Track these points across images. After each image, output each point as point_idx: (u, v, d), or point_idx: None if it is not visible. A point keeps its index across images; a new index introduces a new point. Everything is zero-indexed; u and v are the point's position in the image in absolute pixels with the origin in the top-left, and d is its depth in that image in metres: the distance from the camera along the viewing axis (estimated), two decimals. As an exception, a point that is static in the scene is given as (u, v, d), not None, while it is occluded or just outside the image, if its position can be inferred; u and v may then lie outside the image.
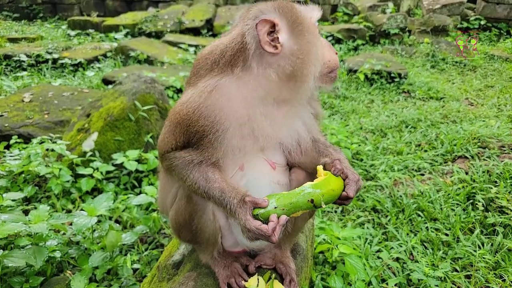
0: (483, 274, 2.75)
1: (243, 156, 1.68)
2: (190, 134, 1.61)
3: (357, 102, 6.76)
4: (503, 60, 9.18)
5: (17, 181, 3.56)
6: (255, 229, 1.43)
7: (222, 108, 1.56)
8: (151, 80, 4.66)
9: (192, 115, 1.58)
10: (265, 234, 1.42)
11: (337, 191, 1.55)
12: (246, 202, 1.49)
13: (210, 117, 1.56)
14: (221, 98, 1.56)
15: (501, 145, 4.32)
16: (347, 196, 1.56)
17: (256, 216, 1.47)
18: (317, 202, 1.49)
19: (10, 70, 8.21)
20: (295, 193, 1.51)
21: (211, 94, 1.57)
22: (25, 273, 2.43)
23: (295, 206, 1.48)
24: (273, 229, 1.42)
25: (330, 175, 1.58)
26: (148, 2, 14.90)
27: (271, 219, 1.43)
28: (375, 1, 13.84)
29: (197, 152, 1.63)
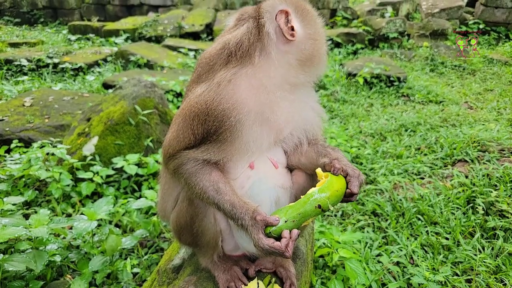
0: (484, 278, 2.75)
1: (255, 150, 1.68)
2: (209, 124, 1.59)
3: (356, 106, 6.78)
4: (502, 64, 9.20)
5: (18, 185, 3.56)
6: (268, 248, 1.45)
7: (242, 95, 1.59)
8: (151, 84, 4.67)
9: (211, 103, 1.57)
10: (279, 251, 1.43)
11: (341, 190, 1.56)
12: (258, 221, 1.50)
13: (229, 104, 1.56)
14: (240, 87, 1.60)
15: (501, 148, 4.33)
16: (352, 193, 1.57)
17: (268, 234, 1.48)
18: (325, 206, 1.50)
19: (11, 75, 8.24)
20: (302, 202, 1.52)
21: (230, 83, 1.59)
22: (25, 277, 2.43)
23: (304, 215, 1.49)
24: (286, 245, 1.43)
25: (331, 176, 1.58)
26: (148, 7, 14.96)
27: (284, 235, 1.45)
28: (374, 5, 13.91)
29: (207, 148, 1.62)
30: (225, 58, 1.68)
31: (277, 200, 1.81)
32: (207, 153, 1.62)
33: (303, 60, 1.68)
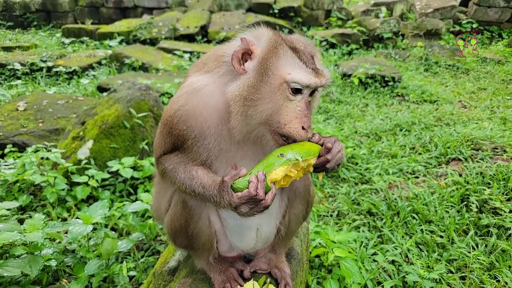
0: (478, 275, 2.77)
1: (233, 158, 1.70)
2: (173, 137, 1.66)
3: (351, 106, 6.81)
4: (495, 63, 9.28)
5: (12, 190, 3.55)
6: (238, 200, 1.44)
7: (200, 115, 1.59)
8: (146, 87, 4.67)
9: (173, 117, 1.62)
10: (251, 196, 1.42)
11: (313, 147, 1.55)
12: (225, 181, 1.50)
13: (188, 123, 1.60)
14: (199, 104, 1.58)
15: (494, 147, 4.37)
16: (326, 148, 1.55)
17: (235, 188, 1.47)
18: (290, 157, 1.49)
19: (4, 79, 8.20)
20: (266, 157, 1.53)
21: (191, 96, 1.60)
22: (20, 282, 2.42)
23: (268, 165, 1.48)
24: (255, 188, 1.42)
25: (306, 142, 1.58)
26: (142, 9, 14.93)
27: (250, 180, 1.44)
28: (368, 6, 13.98)
29: (184, 154, 1.66)
30: (200, 65, 1.72)
31: None
32: (179, 157, 1.68)
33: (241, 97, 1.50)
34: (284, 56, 1.47)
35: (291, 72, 1.46)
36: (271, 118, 1.49)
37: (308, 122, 1.51)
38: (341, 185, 4.23)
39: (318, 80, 1.50)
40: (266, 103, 1.46)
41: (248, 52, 1.50)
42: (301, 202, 1.97)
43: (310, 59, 1.53)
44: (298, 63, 1.48)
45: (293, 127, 1.49)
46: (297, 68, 1.47)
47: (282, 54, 1.47)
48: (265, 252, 2.07)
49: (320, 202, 3.93)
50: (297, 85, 1.47)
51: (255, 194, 1.41)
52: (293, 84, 1.47)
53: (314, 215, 3.64)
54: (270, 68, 1.46)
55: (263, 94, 1.46)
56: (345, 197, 3.95)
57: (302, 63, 1.48)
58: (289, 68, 1.46)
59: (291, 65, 1.47)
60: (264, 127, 1.54)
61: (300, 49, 1.52)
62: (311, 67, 1.49)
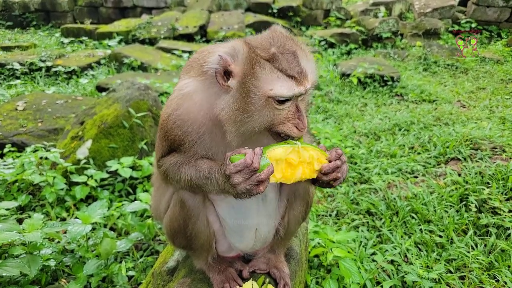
0: (477, 275, 2.78)
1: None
2: (168, 141, 1.68)
3: (350, 106, 6.81)
4: (494, 62, 9.29)
5: (11, 190, 3.54)
6: (233, 168, 1.42)
7: (194, 120, 1.60)
8: (145, 87, 4.67)
9: (167, 122, 1.65)
10: (246, 165, 1.40)
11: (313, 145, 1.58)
12: (225, 156, 1.49)
13: (183, 128, 1.61)
14: (191, 109, 1.59)
15: (493, 146, 4.37)
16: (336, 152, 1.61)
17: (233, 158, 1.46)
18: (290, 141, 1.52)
19: (4, 79, 8.19)
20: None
21: (182, 100, 1.62)
22: (19, 282, 2.42)
23: (268, 146, 1.50)
24: (251, 158, 1.41)
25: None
26: (141, 9, 14.92)
27: (246, 152, 1.43)
28: (367, 6, 13.99)
29: (182, 155, 1.67)
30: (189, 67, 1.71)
31: (264, 197, 1.84)
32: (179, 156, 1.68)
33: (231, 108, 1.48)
34: (262, 73, 1.43)
35: (272, 88, 1.43)
36: (265, 126, 1.51)
37: (302, 124, 1.51)
38: (340, 185, 4.23)
39: (302, 87, 1.46)
40: (257, 119, 1.47)
41: (228, 71, 1.46)
42: (300, 203, 1.97)
43: (291, 60, 1.46)
44: (278, 75, 1.43)
45: (287, 127, 1.51)
46: (277, 81, 1.43)
47: (260, 72, 1.43)
48: (264, 252, 2.07)
49: (319, 202, 3.93)
50: (282, 98, 1.45)
51: (250, 162, 1.40)
52: (277, 98, 1.45)
53: (313, 215, 3.64)
54: (252, 90, 1.43)
55: (251, 113, 1.45)
56: (344, 197, 3.96)
57: (282, 73, 1.44)
58: (270, 84, 1.43)
59: (271, 80, 1.43)
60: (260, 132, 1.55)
61: (278, 53, 1.46)
62: (292, 75, 1.44)
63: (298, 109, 1.52)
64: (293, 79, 1.44)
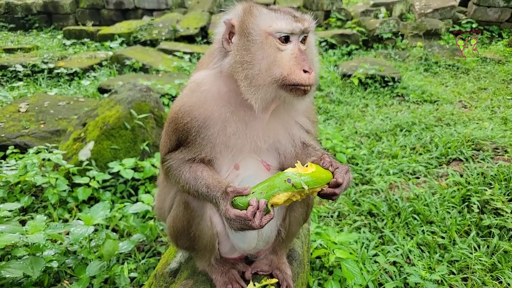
0: (480, 276, 2.77)
1: (236, 154, 1.72)
2: (178, 132, 1.70)
3: (351, 107, 6.81)
4: (496, 63, 9.28)
5: (14, 191, 3.55)
6: (234, 217, 1.44)
7: (203, 105, 1.64)
8: (147, 88, 4.67)
9: (178, 113, 1.68)
10: (245, 219, 1.42)
11: (322, 176, 1.53)
12: (228, 193, 1.51)
13: (192, 115, 1.64)
14: (201, 96, 1.64)
15: (495, 147, 4.36)
16: (336, 182, 1.54)
17: (235, 205, 1.47)
18: (296, 182, 1.47)
19: (6, 81, 8.21)
20: (273, 176, 1.52)
21: (193, 91, 1.67)
22: (22, 283, 2.43)
23: (272, 187, 1.47)
24: (253, 213, 1.42)
25: (318, 166, 1.57)
26: (143, 11, 14.95)
27: (250, 203, 1.43)
28: (367, 6, 13.99)
29: (187, 150, 1.69)
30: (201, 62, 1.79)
31: None
32: (183, 154, 1.71)
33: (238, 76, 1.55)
34: (261, 13, 1.54)
35: (271, 24, 1.51)
36: (274, 73, 1.51)
37: (308, 64, 1.52)
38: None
39: (300, 24, 1.53)
40: (261, 60, 1.51)
41: (232, 30, 1.57)
42: (301, 204, 1.97)
43: (289, 11, 1.58)
44: (276, 15, 1.54)
45: (294, 73, 1.51)
46: (276, 18, 1.52)
47: (258, 13, 1.54)
48: (266, 253, 2.07)
49: (321, 203, 3.93)
50: (281, 33, 1.51)
51: (251, 218, 1.42)
52: (277, 34, 1.51)
53: (315, 216, 3.64)
54: (252, 27, 1.52)
55: (255, 53, 1.51)
56: (346, 198, 3.95)
57: (280, 12, 1.54)
58: (268, 22, 1.52)
59: (270, 18, 1.53)
60: (273, 86, 1.54)
61: (276, 7, 1.59)
62: (290, 13, 1.55)
63: (301, 51, 1.54)
64: (291, 16, 1.54)
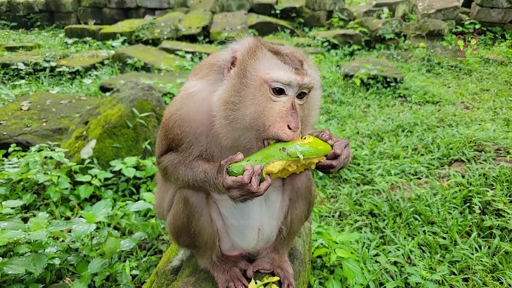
0: (481, 277, 2.77)
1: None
2: (168, 140, 1.73)
3: (353, 107, 6.80)
4: (498, 64, 9.26)
5: (16, 189, 3.56)
6: (231, 183, 1.44)
7: (192, 120, 1.64)
8: (149, 87, 4.68)
9: (169, 121, 1.70)
10: (242, 183, 1.41)
11: (319, 147, 1.50)
12: (222, 165, 1.51)
13: (182, 127, 1.65)
14: (191, 110, 1.63)
15: (497, 148, 4.36)
16: (334, 153, 1.52)
17: (230, 172, 1.46)
18: (291, 152, 1.44)
19: (8, 79, 8.23)
20: (269, 146, 1.49)
21: (184, 101, 1.66)
22: (24, 280, 2.44)
23: (267, 156, 1.45)
24: (249, 177, 1.41)
25: (316, 139, 1.55)
26: (144, 10, 14.97)
27: (245, 168, 1.42)
28: (370, 7, 13.97)
29: (180, 154, 1.71)
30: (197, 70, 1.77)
31: (266, 198, 1.86)
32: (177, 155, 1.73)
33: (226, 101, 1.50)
34: (263, 57, 1.48)
35: (269, 72, 1.44)
36: (256, 121, 1.46)
37: (294, 122, 1.44)
38: (342, 186, 4.23)
39: (300, 77, 1.45)
40: (249, 106, 1.45)
41: (234, 62, 1.53)
42: (302, 202, 1.97)
43: (295, 61, 1.50)
44: (277, 63, 1.46)
45: (278, 127, 1.43)
46: (276, 67, 1.45)
47: (260, 56, 1.48)
48: (268, 252, 2.08)
49: (322, 203, 3.93)
50: (277, 84, 1.44)
51: (248, 182, 1.40)
52: (273, 84, 1.44)
53: (316, 216, 3.64)
54: (249, 70, 1.45)
55: (245, 97, 1.45)
56: (347, 198, 3.95)
57: (283, 63, 1.46)
58: (267, 68, 1.45)
59: (270, 65, 1.46)
60: (250, 132, 1.51)
61: (282, 52, 1.51)
62: (292, 65, 1.46)
63: (294, 107, 1.47)
64: (293, 68, 1.46)
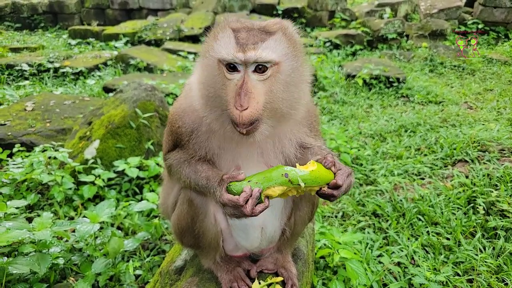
0: (485, 278, 2.76)
1: (235, 157, 1.72)
2: (173, 134, 1.75)
3: (356, 107, 6.80)
4: (502, 64, 9.22)
5: (20, 189, 3.58)
6: (227, 201, 1.46)
7: (192, 112, 1.66)
8: (151, 87, 4.69)
9: (172, 116, 1.73)
10: (237, 204, 1.42)
11: (322, 175, 1.48)
12: (224, 179, 1.52)
13: (183, 120, 1.68)
14: (191, 102, 1.65)
15: (501, 148, 4.34)
16: (336, 184, 1.47)
17: (229, 190, 1.48)
18: (293, 178, 1.44)
19: (12, 80, 8.27)
20: (271, 169, 1.50)
21: (186, 95, 1.71)
22: (29, 280, 2.45)
23: (268, 179, 1.45)
24: (245, 199, 1.42)
25: (321, 165, 1.53)
26: (147, 11, 15.00)
27: (244, 190, 1.44)
28: (372, 7, 13.95)
29: (184, 151, 1.74)
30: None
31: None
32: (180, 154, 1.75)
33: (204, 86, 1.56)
34: (222, 36, 1.46)
35: (220, 51, 1.44)
36: (221, 101, 1.47)
37: (239, 101, 1.37)
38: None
39: (242, 54, 1.38)
40: (212, 85, 1.49)
41: None
42: (306, 204, 1.97)
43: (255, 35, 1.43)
44: (231, 40, 1.44)
45: (231, 107, 1.41)
46: (227, 45, 1.44)
47: (220, 36, 1.47)
48: (271, 252, 2.08)
49: (325, 203, 3.93)
50: (224, 61, 1.44)
51: (242, 204, 1.42)
52: (223, 62, 1.44)
53: (319, 216, 3.64)
54: (208, 50, 1.50)
55: (208, 77, 1.50)
56: (350, 198, 3.95)
57: (235, 39, 1.43)
58: (219, 47, 1.45)
59: (224, 43, 1.45)
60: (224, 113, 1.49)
61: (249, 28, 1.47)
62: (242, 42, 1.40)
63: (242, 85, 1.40)
64: (239, 45, 1.41)
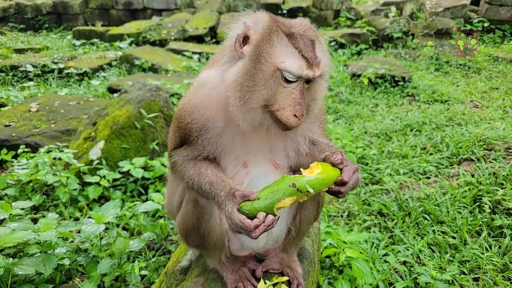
0: (491, 276, 2.74)
1: (243, 154, 1.72)
2: (181, 130, 1.73)
3: (361, 107, 6.77)
4: (508, 62, 9.15)
5: (25, 190, 3.60)
6: (238, 222, 1.47)
7: (203, 108, 1.64)
8: (156, 88, 4.70)
9: (181, 111, 1.70)
10: (247, 229, 1.45)
11: (328, 176, 1.50)
12: (236, 196, 1.52)
13: (193, 116, 1.66)
14: (203, 98, 1.65)
15: (507, 147, 4.30)
16: (342, 181, 1.52)
17: (242, 211, 1.48)
18: (300, 186, 1.46)
19: (17, 81, 8.32)
20: (278, 181, 1.51)
21: (196, 91, 1.69)
22: (34, 281, 2.45)
23: (277, 192, 1.47)
24: (256, 226, 1.44)
25: (325, 165, 1.54)
26: (151, 11, 15.03)
27: (258, 216, 1.45)
28: (377, 6, 13.88)
29: (191, 148, 1.72)
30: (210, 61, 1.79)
31: None
32: (187, 151, 1.75)
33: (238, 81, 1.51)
34: (279, 43, 1.46)
35: (284, 61, 1.44)
36: (268, 102, 1.50)
37: (300, 111, 1.48)
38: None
39: (311, 71, 1.46)
40: (262, 89, 1.47)
41: (247, 36, 1.51)
42: (311, 203, 1.96)
43: (308, 45, 1.48)
44: (292, 51, 1.45)
45: (285, 113, 1.49)
46: (290, 56, 1.45)
47: (276, 42, 1.46)
48: (277, 251, 2.07)
49: (331, 203, 3.91)
50: (289, 75, 1.45)
51: (251, 230, 1.45)
52: (285, 74, 1.45)
53: (324, 216, 3.63)
54: (264, 55, 1.45)
55: (258, 81, 1.46)
56: (356, 198, 3.93)
57: (297, 51, 1.45)
58: (282, 56, 1.45)
59: (285, 52, 1.45)
60: (264, 110, 1.53)
61: (297, 34, 1.48)
62: (306, 56, 1.45)
63: (302, 95, 1.50)
64: (305, 60, 1.45)
